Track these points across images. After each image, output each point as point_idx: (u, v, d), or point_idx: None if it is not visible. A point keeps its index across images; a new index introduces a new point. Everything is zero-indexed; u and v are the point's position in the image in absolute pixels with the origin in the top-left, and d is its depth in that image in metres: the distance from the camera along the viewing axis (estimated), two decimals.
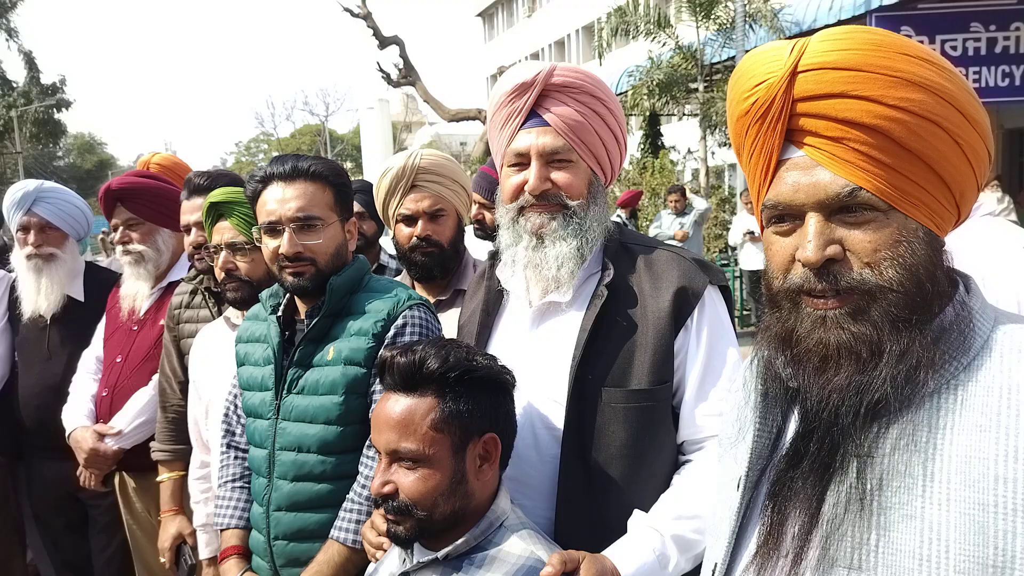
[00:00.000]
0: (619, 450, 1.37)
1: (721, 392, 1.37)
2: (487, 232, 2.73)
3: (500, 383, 1.30)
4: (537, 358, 1.45)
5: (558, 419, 1.39)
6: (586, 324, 1.39)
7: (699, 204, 9.31)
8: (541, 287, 1.46)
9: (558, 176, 1.43)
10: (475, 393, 1.26)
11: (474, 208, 2.56)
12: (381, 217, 2.19)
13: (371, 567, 1.44)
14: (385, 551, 1.41)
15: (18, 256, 2.71)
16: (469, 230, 2.54)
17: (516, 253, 1.47)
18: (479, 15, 42.64)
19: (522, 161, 1.45)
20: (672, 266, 1.43)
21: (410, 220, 2.08)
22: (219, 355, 2.14)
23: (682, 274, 1.42)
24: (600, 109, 1.44)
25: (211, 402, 2.13)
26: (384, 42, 17.39)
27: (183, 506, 2.32)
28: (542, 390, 1.42)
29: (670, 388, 1.41)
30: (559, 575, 1.16)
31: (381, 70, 17.58)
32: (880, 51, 0.81)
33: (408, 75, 17.79)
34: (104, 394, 2.53)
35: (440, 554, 1.25)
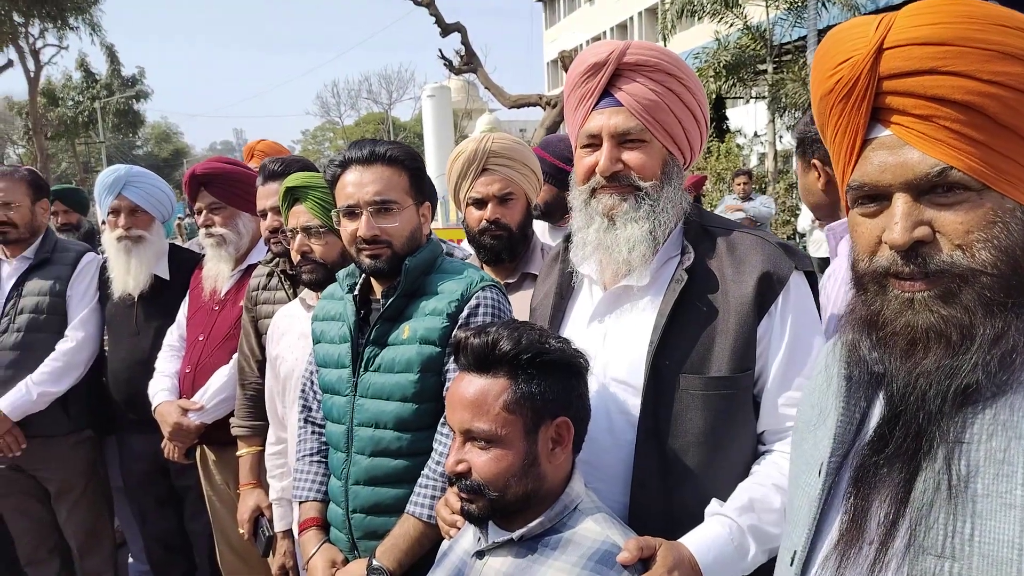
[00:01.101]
0: (696, 438, 1.36)
1: (805, 381, 1.35)
2: (540, 211, 2.75)
3: (573, 366, 1.30)
4: (612, 342, 1.44)
5: (634, 405, 1.39)
6: (664, 309, 1.38)
7: (764, 210, 8.91)
8: (612, 270, 1.45)
9: (630, 157, 1.41)
10: (548, 376, 1.27)
11: None
12: (452, 200, 2.23)
13: (445, 543, 1.48)
14: (459, 528, 1.45)
15: (108, 238, 2.86)
16: None
17: (587, 235, 1.46)
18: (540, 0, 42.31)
19: (594, 142, 1.44)
20: (756, 250, 1.40)
21: (480, 203, 2.12)
22: (295, 335, 2.21)
23: (766, 259, 1.38)
24: (677, 88, 1.41)
25: (288, 380, 2.21)
26: (446, 29, 17.43)
27: (261, 480, 2.41)
28: (617, 375, 1.42)
29: (752, 376, 1.38)
30: (635, 560, 1.17)
31: (443, 57, 17.65)
32: (973, 23, 0.78)
33: (470, 62, 17.80)
34: (187, 371, 2.66)
35: (515, 535, 1.27)
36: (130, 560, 3.31)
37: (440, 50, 17.45)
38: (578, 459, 1.36)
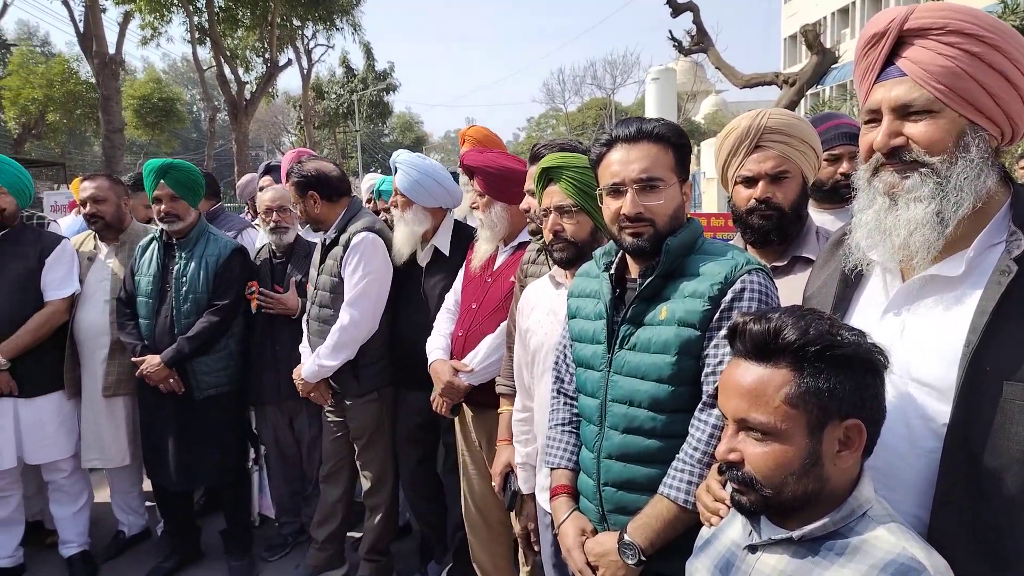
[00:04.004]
0: (1022, 456, 1.15)
1: None
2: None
3: (869, 363, 1.17)
4: (913, 339, 1.28)
5: (939, 410, 1.22)
6: (986, 305, 1.18)
7: None
8: (889, 255, 1.30)
9: (913, 130, 1.24)
10: (838, 371, 1.15)
11: None
12: (719, 179, 2.15)
13: (706, 530, 1.43)
14: (721, 517, 1.39)
15: (396, 215, 3.21)
16: None
17: (866, 217, 1.33)
18: None
19: (875, 117, 1.29)
20: None
21: (750, 182, 2.01)
22: (544, 310, 2.28)
23: None
24: (978, 48, 1.20)
25: (536, 353, 2.28)
26: (677, 9, 16.92)
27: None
28: (920, 376, 1.26)
29: None
30: None
31: (672, 38, 17.19)
32: None
33: (701, 42, 17.12)
34: (459, 335, 2.86)
35: (795, 534, 1.18)
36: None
37: (670, 31, 17.00)
38: (867, 464, 1.23)
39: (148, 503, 4.08)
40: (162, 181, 3.44)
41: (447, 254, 3.18)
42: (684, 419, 1.64)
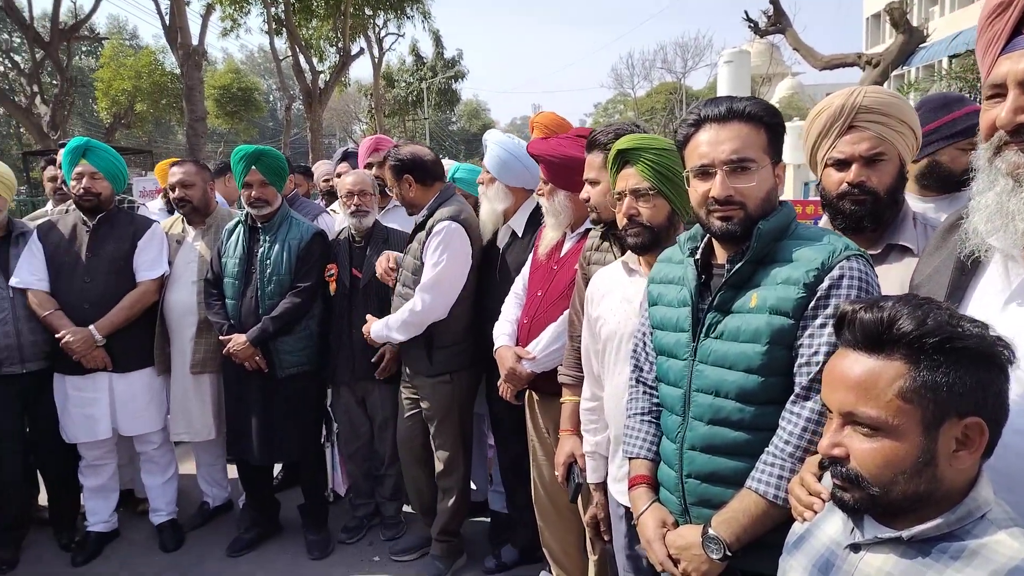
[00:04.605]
0: None
1: None
2: None
3: (993, 358, 1.08)
4: None
5: None
6: None
7: None
8: (1011, 241, 1.20)
9: None
10: (958, 366, 1.06)
11: None
12: (808, 162, 2.05)
13: (799, 526, 1.37)
14: (815, 512, 1.33)
15: (481, 191, 3.30)
16: None
17: (986, 199, 1.23)
18: None
19: (999, 92, 1.20)
20: None
21: (843, 164, 1.90)
22: (617, 298, 2.22)
23: None
24: None
25: (608, 342, 2.23)
26: None
27: (579, 428, 2.51)
28: None
29: None
30: None
31: (748, 19, 16.62)
32: None
33: (778, 22, 16.50)
34: (525, 321, 2.86)
35: (905, 534, 1.11)
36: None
37: (746, 12, 16.44)
38: (984, 464, 1.15)
39: (230, 476, 4.26)
40: (254, 167, 3.55)
41: (520, 235, 3.18)
42: (774, 411, 1.57)
